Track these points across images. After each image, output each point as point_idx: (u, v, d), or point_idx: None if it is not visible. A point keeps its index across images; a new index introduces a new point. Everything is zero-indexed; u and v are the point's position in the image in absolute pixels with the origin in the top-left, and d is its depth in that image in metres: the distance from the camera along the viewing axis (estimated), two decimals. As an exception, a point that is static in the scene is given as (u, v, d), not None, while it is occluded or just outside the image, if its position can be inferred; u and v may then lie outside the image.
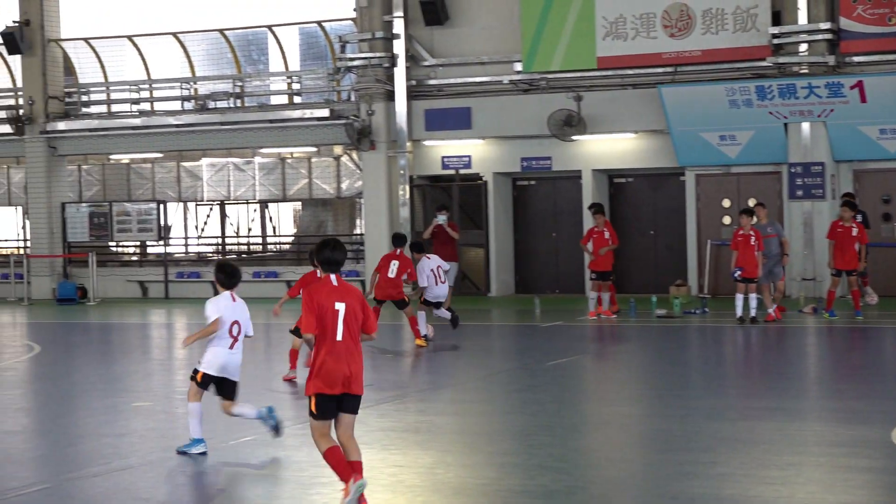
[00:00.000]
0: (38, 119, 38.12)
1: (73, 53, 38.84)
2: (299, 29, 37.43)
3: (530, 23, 32.50)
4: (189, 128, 36.80)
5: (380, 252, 33.87)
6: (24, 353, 24.35)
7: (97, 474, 12.74)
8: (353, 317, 10.71)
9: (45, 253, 38.05)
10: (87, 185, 41.51)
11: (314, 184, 38.41)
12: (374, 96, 34.25)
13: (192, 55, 37.62)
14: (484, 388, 18.44)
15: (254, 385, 17.86)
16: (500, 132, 33.66)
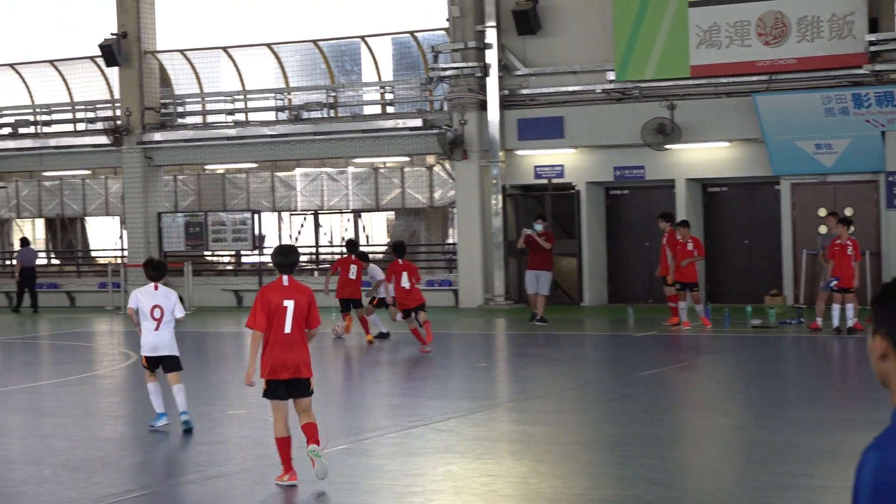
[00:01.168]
0: (135, 130, 38.56)
1: (169, 65, 39.25)
2: (392, 39, 37.56)
3: (623, 31, 32.38)
4: (283, 138, 37.05)
5: (473, 261, 33.97)
6: (121, 361, 24.62)
7: (192, 482, 12.85)
8: (300, 312, 12.24)
9: (142, 262, 38.38)
10: (183, 194, 41.91)
11: (407, 193, 38.50)
12: (466, 106, 34.29)
13: (286, 66, 37.88)
14: (577, 397, 18.38)
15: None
16: (593, 141, 33.56)
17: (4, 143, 40.99)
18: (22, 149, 40.68)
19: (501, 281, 34.09)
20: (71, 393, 20.38)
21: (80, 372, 22.84)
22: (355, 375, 22.12)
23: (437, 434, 14.88)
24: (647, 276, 33.77)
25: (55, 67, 40.74)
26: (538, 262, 29.27)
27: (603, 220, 34.59)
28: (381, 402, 18.19)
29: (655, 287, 33.64)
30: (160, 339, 15.73)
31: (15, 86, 41.79)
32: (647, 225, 33.87)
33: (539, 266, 29.28)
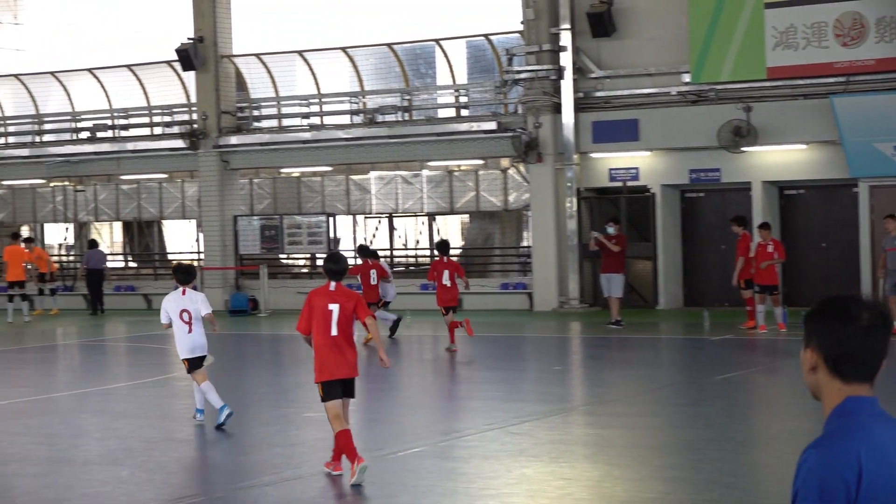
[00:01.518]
0: (212, 134, 38.83)
1: (245, 69, 39.50)
2: (466, 42, 37.59)
3: (699, 33, 32.22)
4: (358, 141, 37.17)
5: (547, 264, 33.95)
6: (197, 363, 24.79)
7: (268, 483, 12.93)
8: (345, 316, 12.81)
9: (218, 265, 38.72)
10: (259, 198, 42.14)
11: (481, 196, 38.51)
12: (541, 109, 34.26)
13: (360, 69, 38.00)
14: (652, 401, 18.33)
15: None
16: (668, 144, 33.42)
17: (83, 147, 41.42)
18: (100, 153, 41.09)
19: (576, 284, 34.04)
20: (148, 395, 20.58)
21: (156, 374, 23.06)
22: (429, 379, 22.17)
23: (512, 437, 14.89)
24: (722, 278, 33.54)
25: (133, 72, 41.11)
26: (610, 265, 29.33)
27: (678, 223, 34.43)
28: (455, 405, 18.22)
29: (731, 290, 33.43)
30: (195, 341, 16.44)
31: (93, 90, 42.21)
32: (722, 228, 33.64)
33: (611, 269, 29.32)
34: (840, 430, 4.02)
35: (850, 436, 3.99)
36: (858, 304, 4.10)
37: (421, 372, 23.43)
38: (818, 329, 4.12)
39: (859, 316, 4.07)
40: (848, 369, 4.06)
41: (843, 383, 4.08)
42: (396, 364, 24.80)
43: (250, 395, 20.10)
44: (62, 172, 42.13)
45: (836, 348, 4.07)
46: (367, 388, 20.73)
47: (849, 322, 4.05)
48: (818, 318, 4.14)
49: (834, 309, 4.11)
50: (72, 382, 22.12)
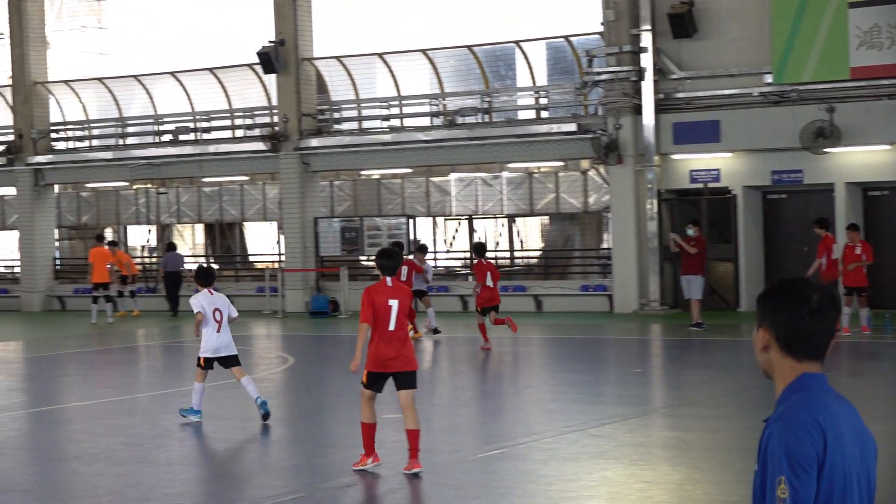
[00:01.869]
0: (292, 136, 39.00)
1: (325, 71, 39.62)
2: (546, 44, 37.53)
3: (781, 34, 31.95)
4: (438, 143, 37.19)
5: (628, 266, 33.82)
6: (278, 364, 24.95)
7: (349, 484, 12.97)
8: (403, 310, 13.27)
9: (299, 267, 38.89)
10: (339, 200, 42.32)
11: (561, 198, 38.45)
12: (621, 110, 34.12)
13: (440, 71, 38.01)
14: (733, 403, 18.20)
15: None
16: (750, 145, 33.18)
17: (165, 150, 41.75)
18: (182, 155, 41.38)
19: (657, 286, 33.87)
20: (229, 396, 20.69)
21: (238, 375, 23.16)
22: (507, 380, 22.15)
23: (592, 439, 14.84)
24: (805, 281, 33.23)
25: (214, 75, 41.39)
26: (689, 267, 29.24)
27: (760, 225, 34.17)
28: (535, 407, 18.19)
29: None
30: (222, 341, 16.88)
31: (176, 93, 42.56)
32: (804, 229, 33.35)
33: (690, 271, 29.22)
34: (802, 402, 4.22)
35: (810, 408, 4.20)
36: (809, 287, 4.34)
37: (501, 374, 23.41)
38: (771, 310, 4.34)
39: (809, 297, 4.30)
40: (799, 348, 4.30)
41: (795, 361, 4.32)
42: (476, 366, 24.81)
43: (330, 397, 20.17)
44: (145, 175, 42.52)
45: (788, 329, 4.30)
46: (447, 391, 20.74)
47: (800, 304, 4.28)
48: (771, 300, 4.36)
49: (786, 291, 4.35)
50: (154, 383, 22.31)
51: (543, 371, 23.48)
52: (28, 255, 43.95)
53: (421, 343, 27.65)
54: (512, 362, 25.29)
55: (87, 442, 15.99)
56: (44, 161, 43.73)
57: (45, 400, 18.78)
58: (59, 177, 44.35)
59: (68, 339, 32.30)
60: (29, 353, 30.19)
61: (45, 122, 44.46)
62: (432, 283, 31.49)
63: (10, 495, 13.04)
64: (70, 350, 29.46)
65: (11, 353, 30.57)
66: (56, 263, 45.41)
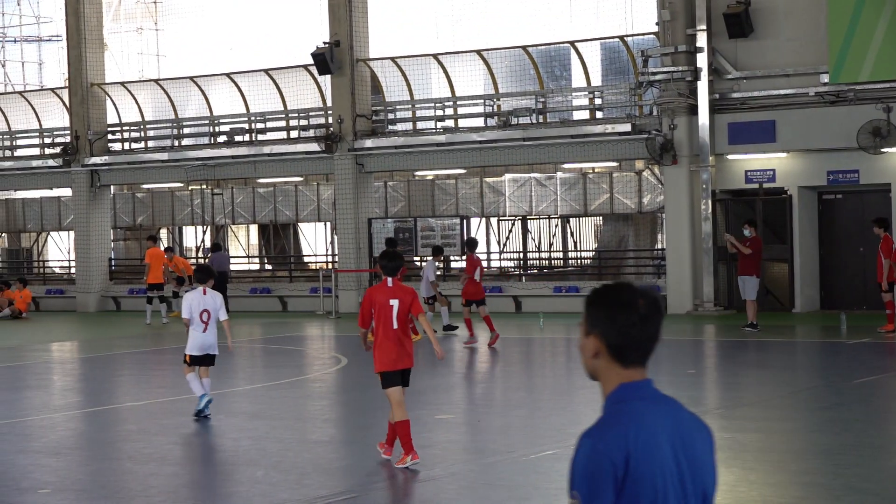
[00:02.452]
0: (347, 137, 39.07)
1: (380, 72, 39.68)
2: (601, 44, 37.44)
3: (838, 33, 31.73)
4: (492, 144, 37.17)
5: (682, 266, 33.68)
6: (331, 364, 25.01)
7: (402, 484, 12.98)
8: (404, 310, 13.63)
9: (352, 268, 38.97)
10: (393, 200, 42.40)
11: (615, 199, 38.37)
12: (676, 110, 34.00)
13: (495, 72, 37.98)
14: (788, 405, 18.10)
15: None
16: (806, 145, 32.99)
17: (220, 151, 41.93)
18: (237, 156, 41.55)
19: (711, 287, 33.72)
20: (283, 396, 20.77)
21: (291, 375, 23.28)
22: (562, 381, 22.10)
23: (645, 441, 14.77)
24: (861, 282, 33.06)
25: (269, 76, 41.54)
26: (743, 268, 29.16)
27: (815, 225, 33.96)
28: (587, 408, 18.14)
29: (870, 293, 32.87)
30: (206, 340, 17.43)
31: (231, 95, 42.77)
32: (860, 230, 33.13)
33: (744, 271, 29.12)
34: (612, 417, 4.38)
35: (620, 421, 4.35)
36: (635, 293, 4.43)
37: (553, 374, 23.38)
38: (601, 318, 4.42)
39: (637, 304, 4.41)
40: (629, 355, 4.41)
41: (622, 368, 4.42)
42: (528, 366, 24.80)
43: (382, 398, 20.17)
44: (200, 176, 42.73)
45: (619, 337, 4.40)
46: (500, 390, 20.73)
47: (631, 311, 4.38)
48: (600, 308, 4.44)
49: (614, 299, 4.42)
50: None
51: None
52: (84, 256, 44.26)
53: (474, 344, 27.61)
54: (565, 363, 25.24)
55: (142, 442, 16.08)
56: (100, 162, 44.03)
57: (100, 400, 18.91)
58: (115, 178, 44.64)
59: (122, 340, 32.50)
60: (84, 353, 30.40)
61: (101, 124, 44.75)
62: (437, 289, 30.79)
63: (64, 494, 13.13)
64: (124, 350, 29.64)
65: (67, 353, 30.80)
66: (111, 264, 45.72)
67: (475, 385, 21.85)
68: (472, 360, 26.21)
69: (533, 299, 36.92)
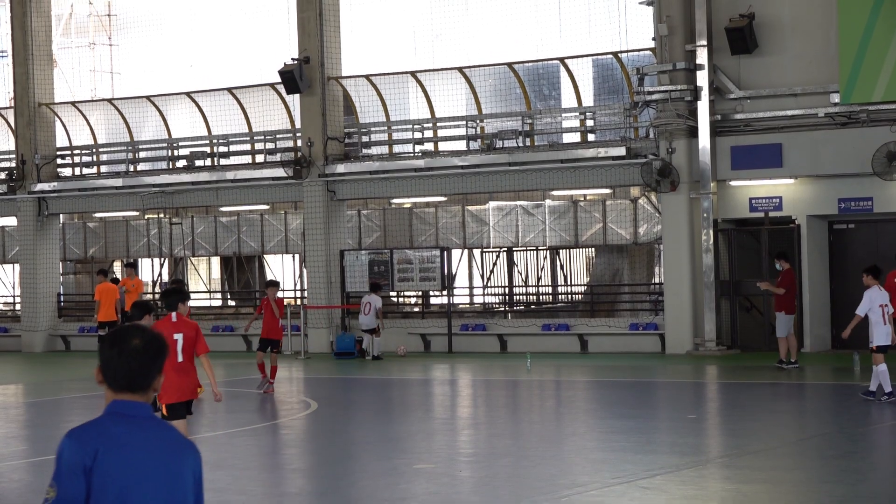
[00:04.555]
0: (317, 161, 39.04)
1: (353, 91, 39.69)
2: (593, 61, 37.54)
3: (849, 49, 31.86)
4: (475, 169, 37.19)
5: (681, 302, 33.70)
6: (301, 409, 24.95)
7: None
8: (188, 343, 15.42)
9: (323, 304, 38.92)
10: (367, 230, 42.39)
11: (609, 228, 38.41)
12: (674, 132, 34.07)
13: (478, 91, 38.03)
14: (797, 453, 18.10)
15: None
16: (815, 170, 33.09)
17: (180, 177, 41.90)
18: (198, 182, 41.51)
19: (713, 324, 33.75)
20: (248, 443, 20.71)
21: (257, 421, 23.20)
22: (549, 426, 22.08)
23: (642, 492, 14.78)
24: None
25: (233, 95, 41.55)
26: (775, 303, 30.42)
27: (826, 257, 34.04)
28: (579, 457, 18.13)
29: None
30: None
31: (191, 115, 42.77)
32: (875, 262, 33.17)
33: (775, 307, 30.40)
34: (95, 421, 5.74)
35: (100, 425, 5.71)
36: (130, 333, 5.81)
37: (542, 420, 23.35)
38: (100, 352, 5.79)
39: (126, 342, 5.76)
40: (112, 382, 5.76)
41: (112, 391, 5.78)
42: (515, 411, 24.76)
43: (357, 445, 20.15)
44: (157, 204, 42.69)
45: (106, 367, 5.78)
46: (484, 437, 20.69)
47: (113, 347, 5.74)
48: (101, 345, 5.83)
49: (110, 337, 5.80)
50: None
51: (589, 417, 23.41)
52: (30, 291, 44.15)
53: (456, 387, 27.58)
54: (554, 407, 25.23)
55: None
56: (48, 189, 43.98)
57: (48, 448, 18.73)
58: (65, 206, 44.57)
59: (73, 383, 32.39)
60: (30, 397, 30.28)
61: (50, 147, 44.72)
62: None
63: (7, 551, 13.05)
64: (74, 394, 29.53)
65: (11, 397, 30.68)
66: (60, 300, 45.60)
67: (457, 432, 21.80)
68: (453, 405, 26.17)
69: (519, 338, 36.89)
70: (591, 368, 32.38)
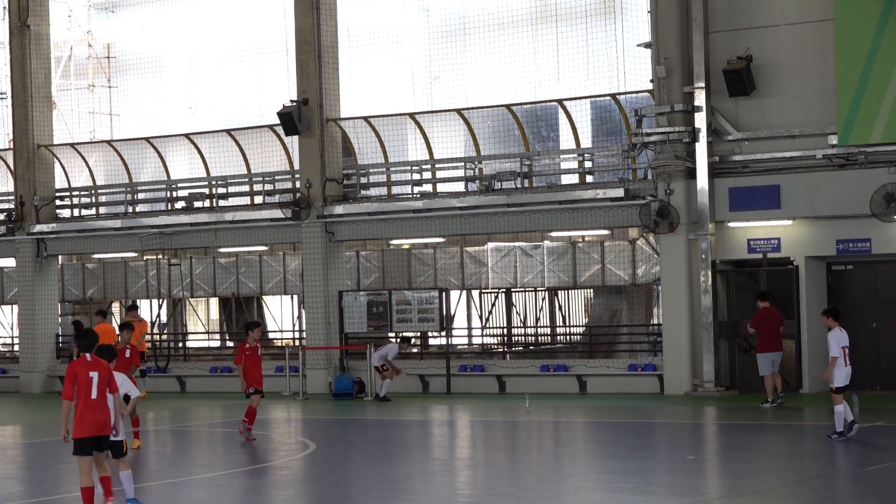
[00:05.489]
0: (316, 203, 39.05)
1: (351, 133, 39.71)
2: (591, 103, 37.58)
3: (847, 91, 31.89)
4: (473, 210, 37.19)
5: (680, 343, 33.69)
6: (298, 450, 24.89)
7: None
8: (103, 381, 16.31)
9: (322, 344, 38.87)
10: (366, 271, 42.37)
11: (607, 269, 38.40)
12: (672, 174, 34.08)
13: (476, 132, 38.04)
14: (797, 494, 18.06)
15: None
16: (813, 212, 33.09)
17: (178, 218, 41.91)
18: (196, 224, 41.51)
19: (711, 365, 33.68)
20: (245, 485, 20.65)
21: (255, 462, 23.14)
22: (547, 467, 22.03)
23: (640, 533, 14.73)
24: (874, 359, 33.08)
25: (232, 137, 41.58)
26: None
27: (824, 298, 33.98)
28: (577, 498, 18.08)
29: (885, 372, 32.96)
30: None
31: (190, 157, 42.82)
32: (873, 303, 33.25)
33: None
34: None
35: None
36: None
37: (540, 460, 23.30)
38: None
39: None
40: None
41: None
42: (513, 452, 24.70)
43: (356, 486, 20.09)
44: (156, 245, 42.71)
45: None
46: (482, 478, 20.64)
47: None
48: None
49: None
50: (163, 471, 22.27)
51: (587, 458, 23.35)
52: (28, 332, 44.12)
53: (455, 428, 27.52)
54: (553, 448, 25.17)
55: (90, 534, 15.94)
56: (47, 230, 44.00)
57: (45, 489, 18.74)
58: (64, 247, 44.58)
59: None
60: (27, 438, 30.20)
61: (48, 189, 44.77)
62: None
63: (4, 592, 12.99)
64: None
65: (9, 438, 30.59)
66: (59, 341, 45.54)
67: (456, 472, 21.74)
68: (451, 445, 26.11)
69: (518, 379, 36.85)
70: (589, 409, 32.32)
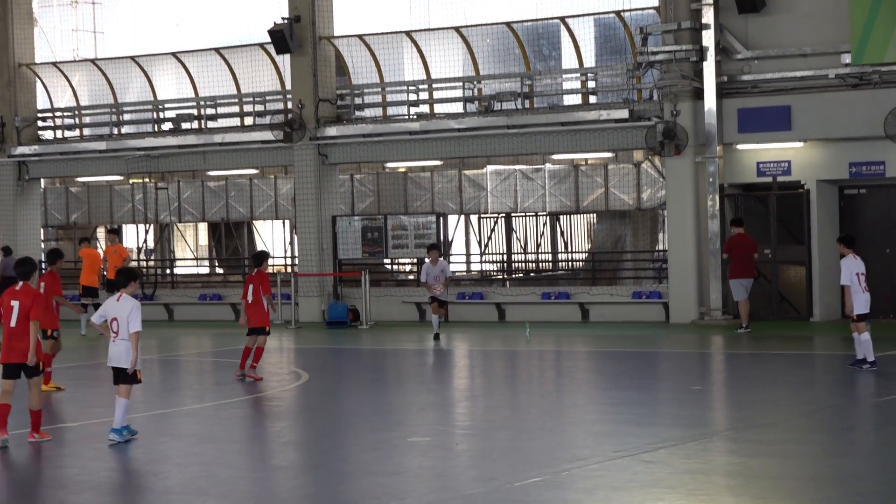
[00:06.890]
0: (308, 124, 38.97)
1: (346, 52, 39.58)
2: (595, 20, 37.41)
3: (861, 8, 31.76)
4: (472, 132, 37.10)
5: (686, 270, 33.68)
6: (291, 381, 24.91)
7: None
8: (24, 310, 17.35)
9: (315, 271, 38.88)
10: (360, 196, 42.31)
11: (611, 193, 38.36)
12: (679, 94, 34.00)
13: (476, 51, 37.92)
14: (805, 426, 18.08)
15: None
16: (825, 134, 33.03)
17: (165, 140, 41.82)
18: (184, 146, 41.42)
19: (718, 293, 33.72)
20: (236, 416, 20.68)
21: (245, 393, 23.16)
22: (549, 398, 22.07)
23: (645, 466, 14.75)
24: (888, 286, 33.08)
25: (221, 56, 41.44)
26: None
27: (836, 224, 33.99)
28: (580, 429, 18.11)
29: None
30: (113, 351, 17.95)
31: (178, 77, 42.65)
32: (887, 228, 33.24)
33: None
34: None
35: None
36: None
37: (541, 392, 23.34)
38: None
39: None
40: None
41: None
42: (514, 383, 24.74)
43: (349, 417, 20.13)
44: (142, 168, 42.61)
45: None
46: (481, 410, 20.67)
47: None
48: None
49: None
50: (150, 402, 22.30)
51: (590, 388, 23.39)
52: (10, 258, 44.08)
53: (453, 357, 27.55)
54: (554, 378, 25.21)
55: (75, 468, 15.97)
56: (29, 152, 43.90)
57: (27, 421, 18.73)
58: (46, 170, 44.50)
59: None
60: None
61: (30, 109, 44.64)
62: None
63: (-14, 527, 13.03)
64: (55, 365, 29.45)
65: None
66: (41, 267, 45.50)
67: (453, 404, 21.79)
68: (449, 376, 26.15)
69: (518, 307, 36.88)
70: (592, 338, 32.36)
